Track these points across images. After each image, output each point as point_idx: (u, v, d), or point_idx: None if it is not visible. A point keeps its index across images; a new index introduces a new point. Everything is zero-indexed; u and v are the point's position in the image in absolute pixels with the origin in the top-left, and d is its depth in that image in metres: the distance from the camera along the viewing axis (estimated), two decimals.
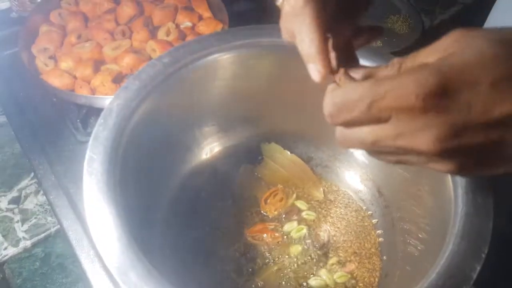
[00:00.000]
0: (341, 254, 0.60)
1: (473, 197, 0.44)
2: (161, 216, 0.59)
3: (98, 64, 0.74)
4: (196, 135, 0.63)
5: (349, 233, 0.62)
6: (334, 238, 0.62)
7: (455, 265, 0.40)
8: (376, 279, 0.58)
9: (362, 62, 0.54)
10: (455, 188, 0.46)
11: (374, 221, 0.63)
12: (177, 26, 0.80)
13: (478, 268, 0.40)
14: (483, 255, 0.40)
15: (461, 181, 0.46)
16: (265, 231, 0.61)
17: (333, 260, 0.59)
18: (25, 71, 0.73)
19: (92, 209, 0.40)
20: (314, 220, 0.63)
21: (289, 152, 0.67)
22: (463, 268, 0.40)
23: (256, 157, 0.68)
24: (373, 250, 0.60)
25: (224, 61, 0.55)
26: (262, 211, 0.63)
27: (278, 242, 0.60)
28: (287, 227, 0.62)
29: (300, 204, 0.64)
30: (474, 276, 0.39)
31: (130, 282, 0.36)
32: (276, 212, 0.63)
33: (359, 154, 0.65)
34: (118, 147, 0.46)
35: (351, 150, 0.65)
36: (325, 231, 0.62)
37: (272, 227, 0.62)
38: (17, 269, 0.78)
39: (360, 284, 0.57)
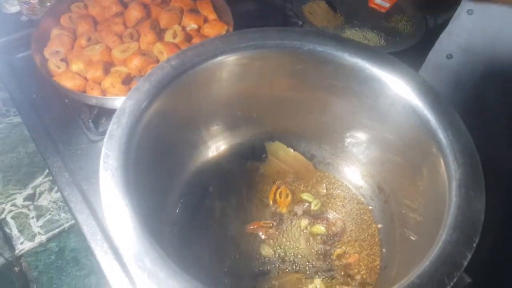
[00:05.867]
0: (344, 245, 0.63)
1: (465, 191, 0.46)
2: (170, 210, 0.62)
3: (107, 66, 0.77)
4: (203, 134, 0.66)
5: (351, 226, 0.65)
6: (338, 230, 0.64)
7: (447, 253, 0.42)
8: (377, 272, 0.60)
9: (364, 62, 0.57)
10: (449, 182, 0.48)
11: (374, 215, 0.65)
12: (183, 28, 0.82)
13: (469, 256, 0.42)
14: (474, 245, 0.43)
15: (455, 174, 0.48)
16: (260, 229, 0.63)
17: (339, 250, 0.62)
18: (38, 73, 0.76)
19: (108, 201, 0.43)
20: (321, 209, 0.66)
21: (292, 150, 0.70)
22: (455, 256, 0.42)
23: (261, 155, 0.70)
24: (374, 243, 0.63)
25: (229, 63, 0.58)
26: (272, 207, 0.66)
27: (276, 238, 0.62)
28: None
29: (307, 197, 0.67)
30: (465, 263, 0.42)
31: (145, 268, 0.39)
32: (285, 210, 0.66)
33: (359, 152, 0.67)
34: (131, 144, 0.48)
35: (351, 147, 0.67)
36: (333, 222, 0.65)
37: (269, 225, 0.64)
38: (34, 262, 0.81)
39: (363, 272, 0.60)
